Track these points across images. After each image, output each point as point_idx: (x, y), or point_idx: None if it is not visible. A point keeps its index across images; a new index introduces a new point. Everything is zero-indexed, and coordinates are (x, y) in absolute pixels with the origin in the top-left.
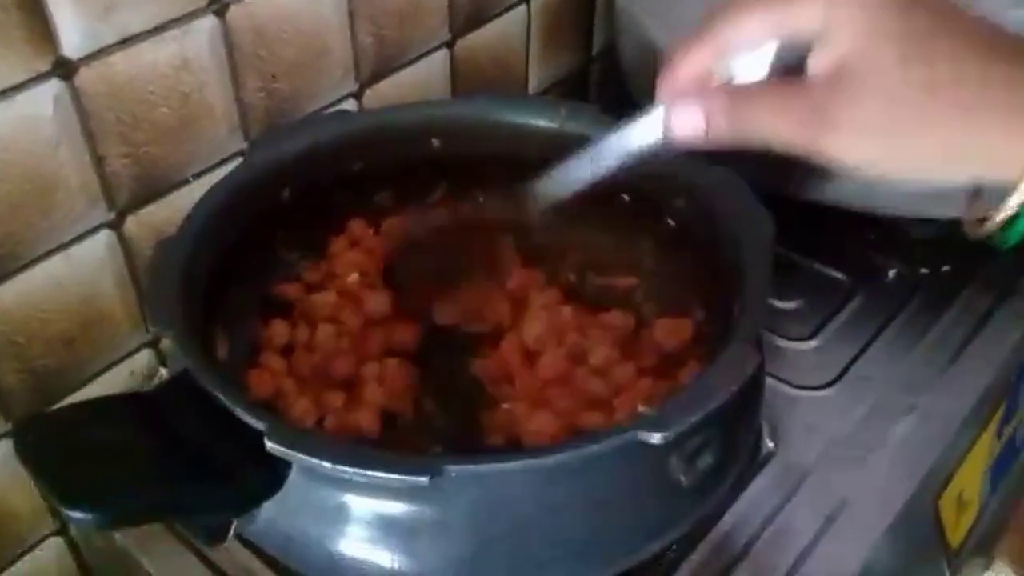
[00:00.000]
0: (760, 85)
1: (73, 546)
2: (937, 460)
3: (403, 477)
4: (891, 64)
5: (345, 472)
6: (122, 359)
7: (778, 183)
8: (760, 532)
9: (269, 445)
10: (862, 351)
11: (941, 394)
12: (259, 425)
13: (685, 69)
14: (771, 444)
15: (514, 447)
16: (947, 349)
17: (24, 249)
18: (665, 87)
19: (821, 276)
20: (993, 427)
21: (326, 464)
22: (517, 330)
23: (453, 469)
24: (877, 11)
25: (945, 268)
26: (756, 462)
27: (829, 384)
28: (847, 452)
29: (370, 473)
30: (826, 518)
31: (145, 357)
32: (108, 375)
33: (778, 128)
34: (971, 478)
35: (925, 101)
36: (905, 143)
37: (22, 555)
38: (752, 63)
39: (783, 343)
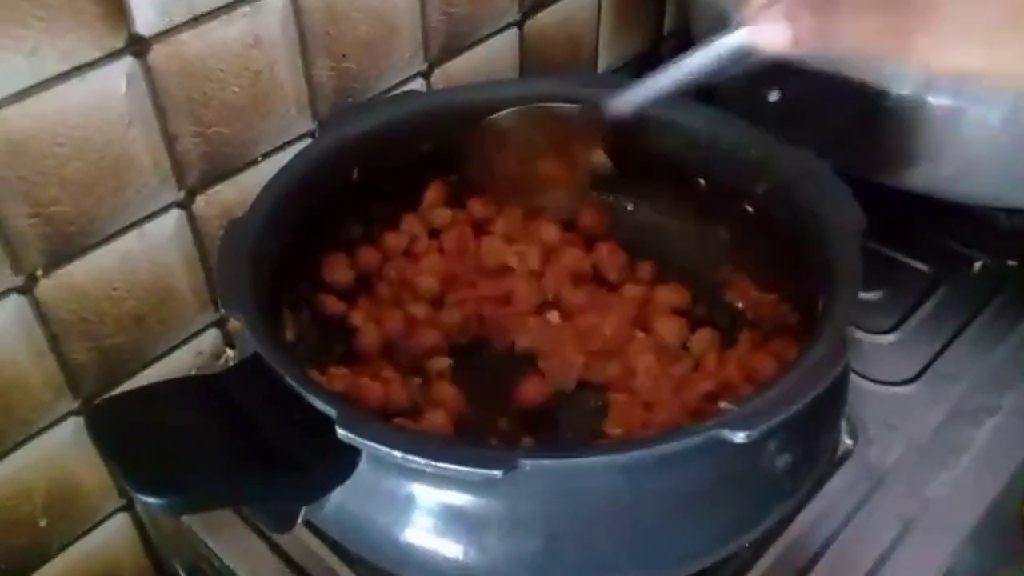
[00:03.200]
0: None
1: (139, 523)
2: (1021, 463)
3: (477, 470)
4: None
5: (416, 463)
6: (189, 338)
7: (861, 167)
8: (836, 534)
9: (340, 432)
10: (945, 347)
11: None
12: (330, 411)
13: None
14: (849, 442)
15: (585, 441)
16: None
17: (96, 226)
18: (749, 7)
19: (903, 267)
20: None
21: (397, 454)
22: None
23: (528, 463)
24: None
25: None
26: (835, 460)
27: (910, 380)
28: (928, 452)
29: (442, 465)
30: (905, 521)
31: (211, 337)
32: (175, 354)
33: (870, 37)
34: None
35: None
36: (1010, 41)
37: (90, 530)
38: None
39: (862, 335)
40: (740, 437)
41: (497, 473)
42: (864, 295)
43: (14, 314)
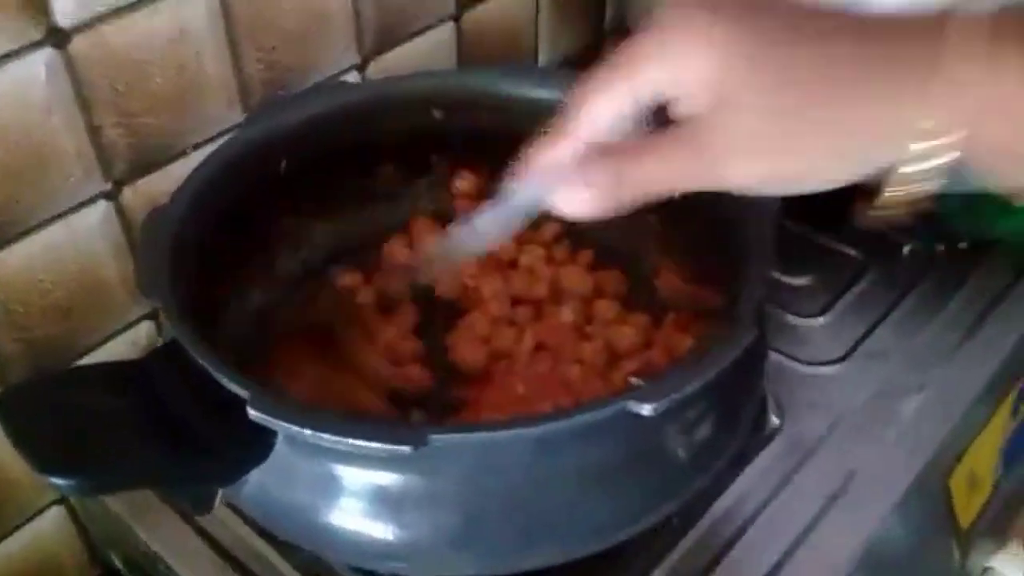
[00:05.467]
0: (635, 144)
1: (74, 515)
2: (947, 438)
3: (386, 446)
4: (755, 86)
5: (328, 440)
6: (122, 331)
7: None
8: (763, 507)
9: (252, 413)
10: (873, 328)
11: (953, 372)
12: (242, 392)
13: (554, 158)
14: (777, 420)
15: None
16: (961, 327)
17: (22, 216)
18: (532, 175)
19: (833, 252)
20: (1008, 406)
21: (307, 432)
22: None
23: (437, 438)
24: (725, 50)
25: (961, 245)
26: (761, 438)
27: (838, 360)
28: (854, 428)
29: (352, 442)
30: (831, 495)
31: (146, 328)
32: (108, 346)
33: (673, 176)
34: (984, 457)
35: (800, 104)
36: (794, 151)
37: (25, 523)
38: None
39: (793, 319)
40: (647, 409)
41: (406, 449)
42: (795, 280)
43: None
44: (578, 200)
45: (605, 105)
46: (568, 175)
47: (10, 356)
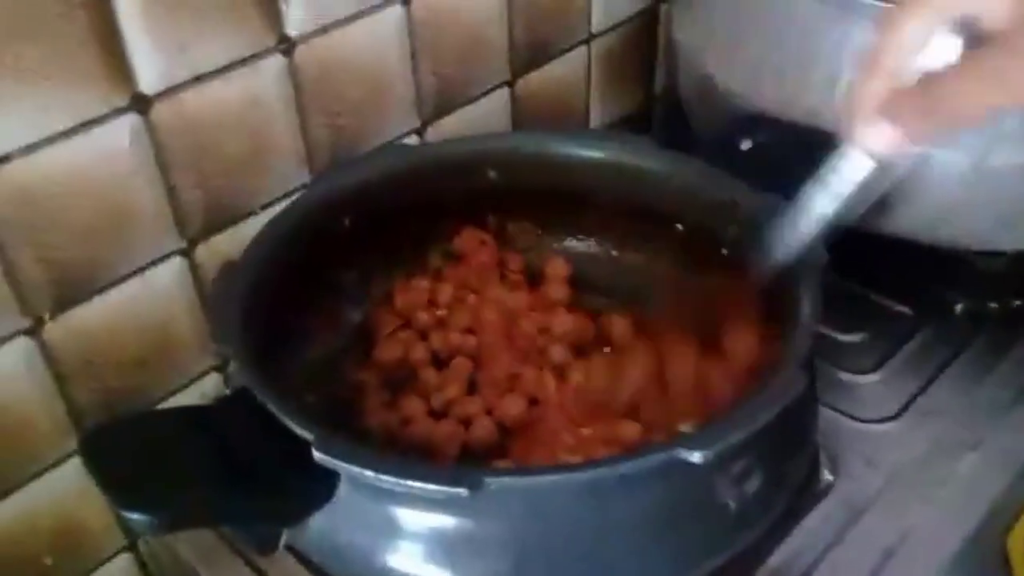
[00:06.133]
0: (947, 70)
1: (142, 562)
2: (1003, 496)
3: (444, 488)
4: None
5: (387, 482)
6: (191, 382)
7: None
8: (815, 566)
9: (315, 455)
10: (926, 385)
11: (1007, 430)
12: (307, 435)
13: (873, 93)
14: (830, 477)
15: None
16: (1015, 384)
17: (102, 273)
18: (856, 119)
19: (886, 309)
20: None
21: (368, 474)
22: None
23: (492, 481)
24: None
25: (1015, 303)
26: (813, 494)
27: (892, 418)
28: (908, 487)
29: (410, 483)
30: (884, 553)
31: (213, 380)
32: (179, 396)
33: (985, 96)
34: None
35: None
36: None
37: (94, 568)
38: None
39: (846, 376)
40: (696, 457)
41: (463, 491)
42: (847, 337)
43: (22, 355)
44: (886, 137)
45: (914, 30)
46: (882, 110)
47: (85, 406)
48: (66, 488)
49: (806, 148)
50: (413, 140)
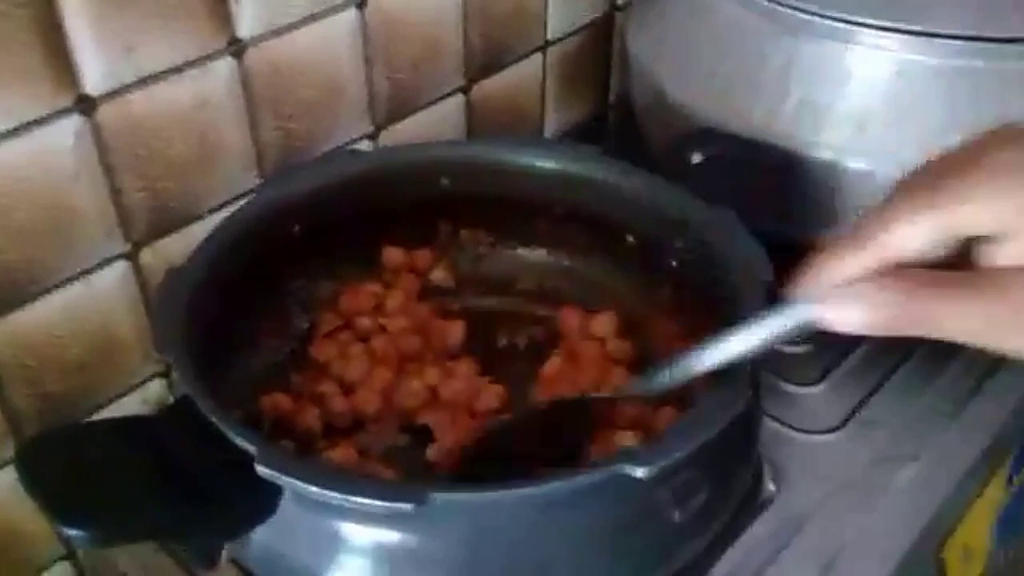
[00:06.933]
0: (929, 273)
1: (80, 572)
2: (941, 508)
3: (388, 504)
4: None
5: (332, 497)
6: (134, 388)
7: (781, 224)
8: None
9: (258, 468)
10: (869, 396)
11: (948, 441)
12: (250, 448)
13: (839, 271)
14: (772, 488)
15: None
16: (955, 396)
17: (43, 275)
18: (810, 285)
19: None
20: (1002, 477)
21: (313, 489)
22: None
23: (438, 496)
24: None
25: None
26: (756, 506)
27: (834, 429)
28: (849, 498)
29: (354, 499)
30: (823, 565)
31: (157, 386)
32: (119, 403)
33: (967, 326)
34: (978, 528)
35: None
36: None
37: None
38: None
39: (790, 387)
40: (641, 472)
41: (408, 507)
42: (792, 348)
43: None
44: (855, 317)
45: (915, 231)
46: (851, 288)
47: (24, 411)
48: (2, 495)
49: (756, 162)
50: (365, 145)
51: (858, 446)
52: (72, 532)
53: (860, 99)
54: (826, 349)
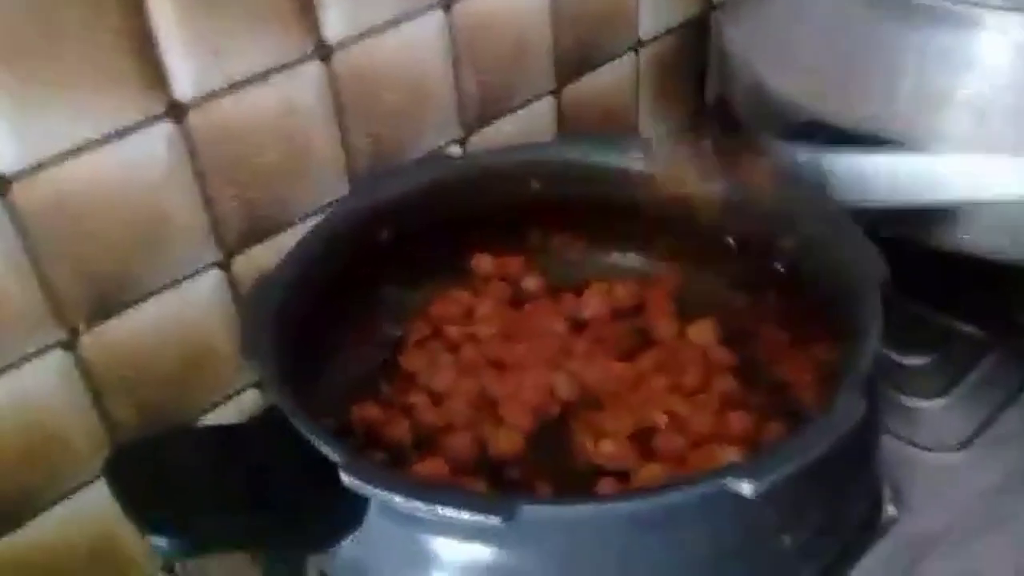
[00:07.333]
0: None
1: None
2: None
3: (477, 516)
4: None
5: (416, 508)
6: (229, 398)
7: (907, 229)
8: None
9: (344, 478)
10: (997, 412)
11: None
12: (335, 457)
13: None
14: (893, 510)
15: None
16: None
17: (137, 284)
18: None
19: (953, 330)
20: None
21: (397, 499)
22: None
23: (528, 509)
24: None
25: None
26: (876, 529)
27: (960, 447)
28: (977, 522)
29: (442, 511)
30: None
31: (251, 396)
32: (216, 413)
33: None
34: None
35: None
36: None
37: None
38: None
39: (911, 402)
40: (746, 488)
41: (496, 520)
42: (914, 360)
43: (56, 369)
44: None
45: None
46: None
47: (122, 422)
48: (103, 508)
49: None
50: (455, 150)
51: (987, 465)
52: (156, 540)
53: (980, 88)
54: (949, 361)
